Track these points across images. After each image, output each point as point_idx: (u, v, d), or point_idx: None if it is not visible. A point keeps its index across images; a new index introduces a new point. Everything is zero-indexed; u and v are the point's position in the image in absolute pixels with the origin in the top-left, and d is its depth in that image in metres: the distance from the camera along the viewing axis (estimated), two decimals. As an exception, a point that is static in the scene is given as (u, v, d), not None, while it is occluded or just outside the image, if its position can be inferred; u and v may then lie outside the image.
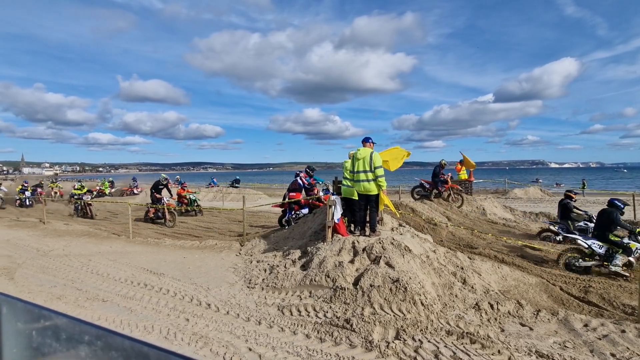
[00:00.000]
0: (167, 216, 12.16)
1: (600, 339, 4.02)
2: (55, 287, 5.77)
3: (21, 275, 6.41)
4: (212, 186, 29.16)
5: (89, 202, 15.09)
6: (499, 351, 3.63)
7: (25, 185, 19.08)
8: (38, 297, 5.31)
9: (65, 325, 0.57)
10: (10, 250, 8.31)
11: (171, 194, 12.99)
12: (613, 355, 3.69)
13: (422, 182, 13.42)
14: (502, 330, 4.26)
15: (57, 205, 18.06)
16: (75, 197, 15.76)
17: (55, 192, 22.58)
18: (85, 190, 16.90)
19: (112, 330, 0.53)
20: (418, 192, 13.56)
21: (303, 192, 10.63)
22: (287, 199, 10.64)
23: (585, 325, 4.35)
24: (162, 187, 12.60)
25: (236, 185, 30.72)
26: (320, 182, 11.50)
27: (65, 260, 7.38)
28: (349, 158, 7.00)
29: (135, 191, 27.08)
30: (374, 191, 6.51)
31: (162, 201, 12.25)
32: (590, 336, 4.09)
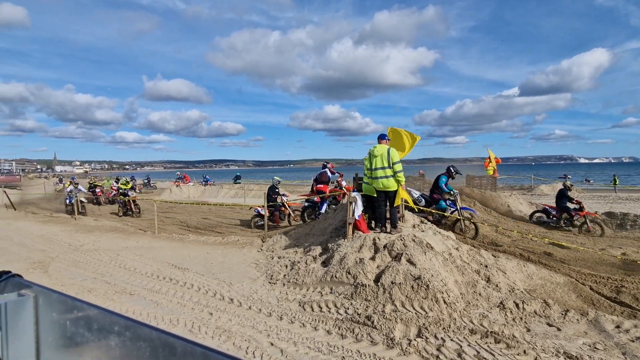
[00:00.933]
0: (292, 215, 11.45)
1: (633, 341, 3.85)
2: (86, 280, 6.02)
3: (55, 268, 6.72)
4: (208, 183, 28.85)
5: (134, 198, 14.62)
6: (524, 351, 3.54)
7: (76, 184, 18.32)
8: (70, 289, 5.56)
9: (96, 316, 0.60)
10: (45, 245, 8.72)
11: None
12: (647, 358, 3.53)
13: (547, 207, 11.25)
14: (528, 330, 4.15)
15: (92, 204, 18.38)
16: (121, 191, 15.40)
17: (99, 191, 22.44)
18: (130, 186, 16.40)
19: (140, 322, 0.55)
20: (539, 217, 11.26)
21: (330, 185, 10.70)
22: (314, 190, 10.73)
23: (617, 327, 4.18)
24: (277, 190, 11.61)
25: (238, 181, 30.54)
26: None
27: (95, 254, 7.69)
28: (368, 155, 6.97)
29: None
30: (393, 187, 6.47)
31: (283, 201, 11.43)
32: (622, 338, 3.93)
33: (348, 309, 4.62)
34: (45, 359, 0.69)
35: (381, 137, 6.80)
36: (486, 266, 5.68)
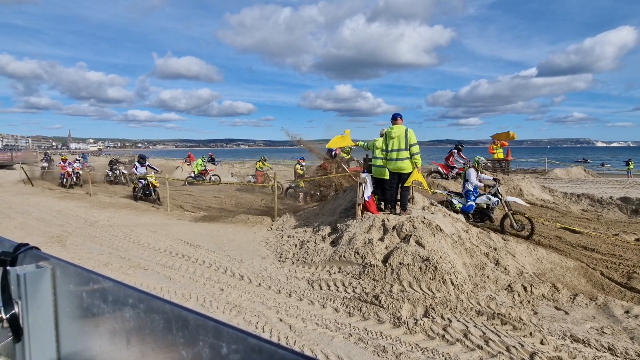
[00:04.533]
0: None
1: (642, 327, 3.84)
2: (102, 254, 6.20)
3: (72, 243, 6.93)
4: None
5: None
6: (530, 333, 3.57)
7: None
8: (87, 263, 5.75)
9: (111, 289, 0.62)
10: (62, 220, 8.97)
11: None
12: (656, 343, 3.53)
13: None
14: (535, 313, 4.16)
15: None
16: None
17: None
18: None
19: (154, 295, 0.57)
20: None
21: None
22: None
23: (627, 312, 4.16)
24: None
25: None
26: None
27: (110, 230, 7.89)
28: (380, 136, 6.87)
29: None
30: (408, 169, 6.38)
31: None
32: (631, 323, 3.92)
33: (356, 288, 4.69)
34: (63, 328, 0.72)
35: (399, 117, 6.54)
36: (495, 249, 5.67)
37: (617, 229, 8.17)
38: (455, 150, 13.42)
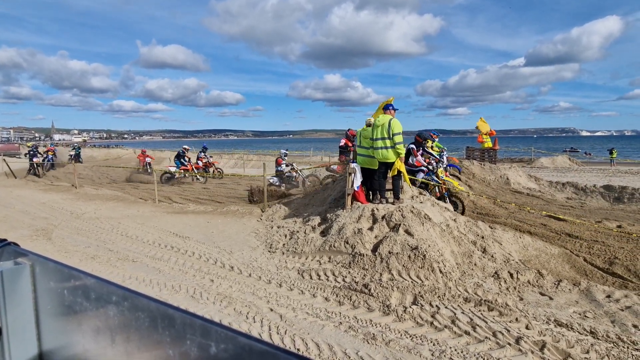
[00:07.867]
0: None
1: (622, 310, 3.96)
2: (89, 247, 6.11)
3: (58, 235, 6.80)
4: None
5: None
6: (516, 319, 3.65)
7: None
8: (74, 256, 5.65)
9: (93, 286, 0.60)
10: (47, 213, 8.79)
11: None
12: (635, 326, 3.64)
13: None
14: (521, 299, 4.26)
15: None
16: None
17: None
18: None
19: (138, 292, 0.55)
20: None
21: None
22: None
23: (608, 297, 4.29)
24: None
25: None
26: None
27: (97, 222, 7.77)
28: (367, 126, 6.89)
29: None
30: (392, 159, 6.42)
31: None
32: (612, 307, 4.04)
33: (346, 277, 4.73)
34: (45, 327, 0.70)
35: (385, 108, 6.69)
36: (482, 237, 5.76)
37: (600, 216, 8.37)
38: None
